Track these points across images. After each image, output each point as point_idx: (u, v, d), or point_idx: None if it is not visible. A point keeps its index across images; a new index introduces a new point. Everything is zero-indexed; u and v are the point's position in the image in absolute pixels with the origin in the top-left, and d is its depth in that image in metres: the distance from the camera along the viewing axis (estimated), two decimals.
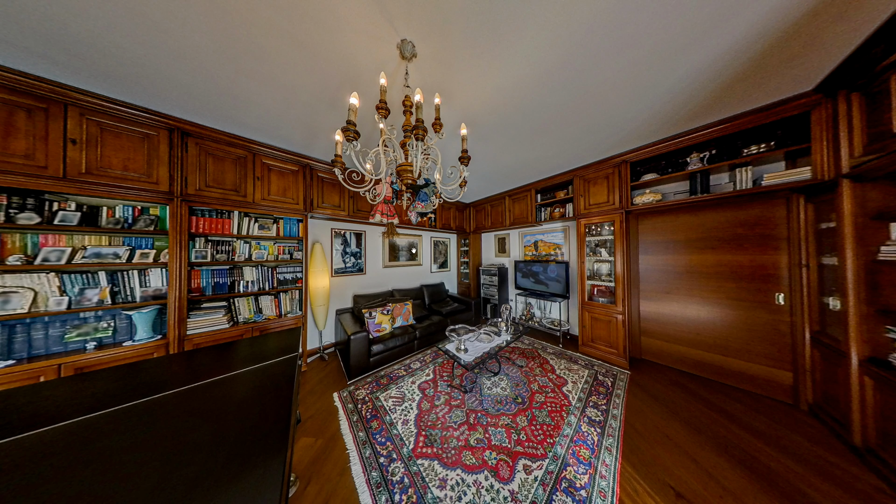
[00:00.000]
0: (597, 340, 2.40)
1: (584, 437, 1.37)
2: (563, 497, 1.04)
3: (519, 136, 1.89)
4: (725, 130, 1.66)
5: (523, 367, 2.21)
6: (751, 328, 1.82)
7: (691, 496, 1.06)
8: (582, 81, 1.27)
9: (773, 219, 1.73)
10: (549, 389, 1.85)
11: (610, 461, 1.22)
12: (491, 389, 1.86)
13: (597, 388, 1.87)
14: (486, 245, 4.35)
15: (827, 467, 1.18)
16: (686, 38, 1.01)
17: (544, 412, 1.58)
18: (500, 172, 2.76)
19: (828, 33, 1.00)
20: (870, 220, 1.19)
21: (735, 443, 1.34)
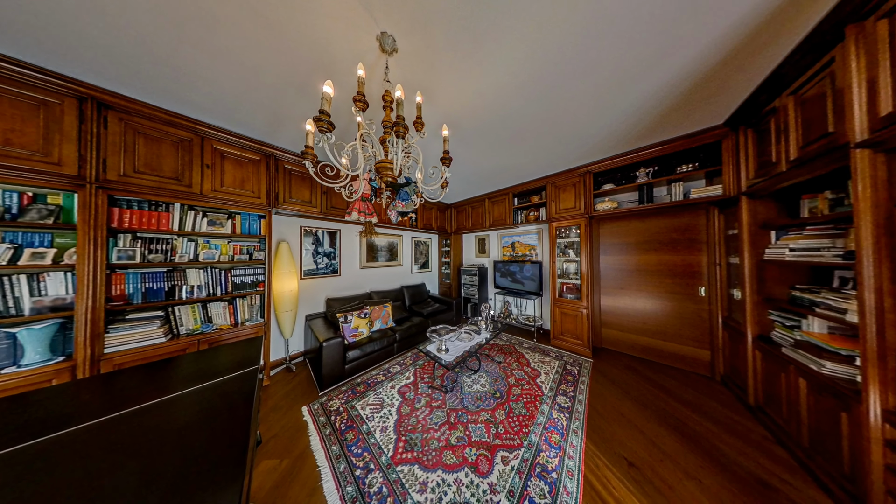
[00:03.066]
0: (566, 333, 2.62)
1: (554, 423, 1.48)
2: (537, 482, 1.11)
3: (498, 141, 1.97)
4: (664, 151, 1.98)
5: (501, 363, 2.30)
6: (682, 316, 2.19)
7: (640, 463, 1.23)
8: (554, 96, 1.39)
9: (697, 226, 2.12)
10: (524, 382, 1.96)
11: (576, 442, 1.34)
12: (471, 387, 1.90)
13: (565, 377, 2.05)
14: (466, 245, 4.44)
15: (733, 425, 1.48)
16: (636, 69, 1.19)
17: (520, 404, 1.67)
18: (481, 175, 2.84)
19: (733, 80, 1.27)
20: (758, 229, 1.53)
21: (671, 413, 1.60)
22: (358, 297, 2.84)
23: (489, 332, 2.22)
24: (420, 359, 2.42)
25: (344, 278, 2.95)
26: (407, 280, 3.84)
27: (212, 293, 1.78)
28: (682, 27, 0.97)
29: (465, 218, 3.95)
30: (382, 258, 3.47)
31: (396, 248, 3.70)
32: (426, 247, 4.32)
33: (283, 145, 2.02)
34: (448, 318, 3.29)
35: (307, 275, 2.60)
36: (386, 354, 2.39)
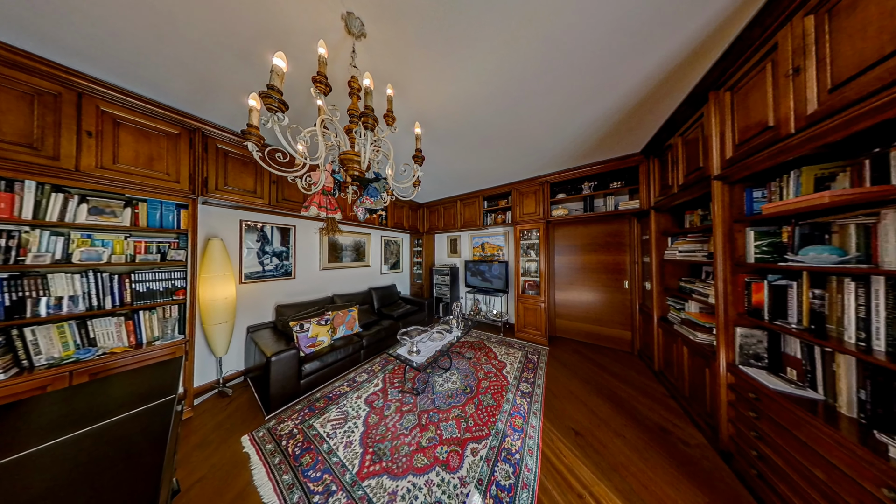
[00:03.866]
0: (527, 326, 2.91)
1: (518, 409, 1.63)
2: (503, 465, 1.20)
3: (470, 145, 2.05)
4: (602, 169, 2.40)
5: (472, 359, 2.40)
6: (612, 305, 2.70)
7: (584, 431, 1.45)
8: (519, 111, 1.53)
9: (623, 231, 2.63)
10: (492, 374, 2.09)
11: (536, 423, 1.50)
12: (443, 385, 1.92)
13: (527, 365, 2.27)
14: (439, 245, 4.46)
15: (645, 387, 1.89)
16: (583, 98, 1.41)
17: (489, 395, 1.78)
18: (453, 177, 2.91)
19: (646, 119, 1.63)
20: (661, 235, 2.00)
21: (605, 385, 1.95)
22: (317, 301, 2.54)
23: (460, 330, 2.29)
24: (390, 363, 2.32)
25: (300, 281, 2.60)
26: (376, 281, 3.63)
27: (96, 305, 1.33)
28: (614, 69, 1.19)
29: (438, 218, 3.97)
30: (348, 258, 3.19)
31: (364, 248, 3.45)
32: (397, 246, 4.17)
33: (216, 120, 1.66)
34: (420, 319, 3.25)
35: (250, 278, 2.19)
36: (352, 363, 2.21)
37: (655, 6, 0.89)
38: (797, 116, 0.82)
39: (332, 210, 1.49)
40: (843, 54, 0.70)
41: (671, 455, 1.28)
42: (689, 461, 1.24)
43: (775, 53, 0.89)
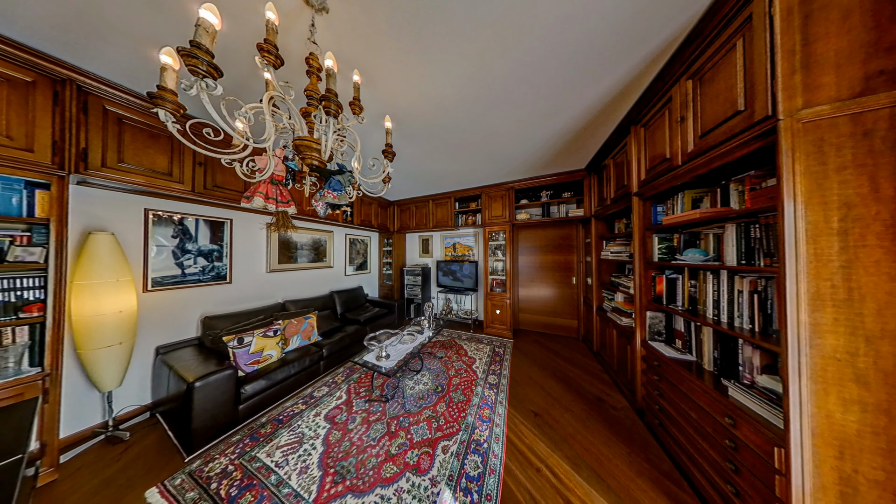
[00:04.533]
0: (495, 322, 3.11)
1: (486, 401, 1.72)
2: (473, 457, 1.25)
3: (442, 146, 2.07)
4: (557, 180, 2.76)
5: (443, 358, 2.43)
6: (564, 298, 3.12)
7: (541, 412, 1.64)
8: (489, 119, 1.63)
9: (572, 235, 3.08)
10: (463, 371, 2.16)
11: (502, 411, 1.62)
12: (413, 388, 1.89)
13: (495, 358, 2.43)
14: (410, 245, 4.36)
15: (587, 366, 2.26)
16: (542, 116, 1.59)
17: (459, 392, 1.83)
18: (425, 176, 2.89)
19: (589, 141, 1.94)
20: (598, 239, 2.42)
21: (558, 368, 2.24)
22: (263, 309, 2.17)
23: (432, 330, 2.28)
24: (356, 372, 2.15)
25: (238, 287, 2.17)
26: (339, 284, 3.31)
27: None
28: (566, 95, 1.39)
29: (409, 217, 3.88)
30: (305, 258, 2.82)
31: (325, 247, 3.11)
32: (364, 246, 3.89)
33: (104, 73, 1.24)
34: (390, 322, 3.11)
35: (161, 284, 1.72)
36: (309, 376, 1.97)
37: (597, 49, 1.08)
38: (682, 153, 1.11)
39: (283, 203, 1.29)
40: (707, 112, 0.98)
41: (605, 420, 1.56)
42: (616, 422, 1.53)
43: (670, 104, 1.18)
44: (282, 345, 1.86)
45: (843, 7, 0.65)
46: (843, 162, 0.65)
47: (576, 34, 1.01)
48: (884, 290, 0.62)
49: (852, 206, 0.64)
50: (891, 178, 0.62)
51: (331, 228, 3.20)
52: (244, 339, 1.64)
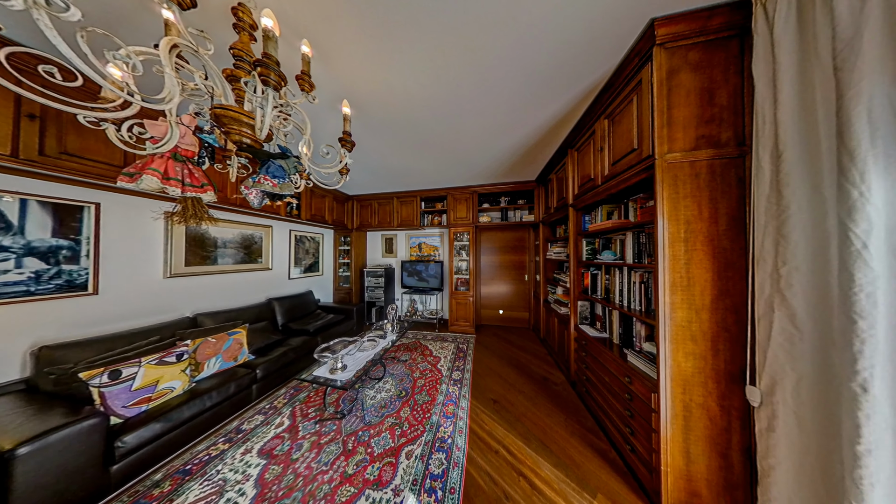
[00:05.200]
0: (459, 320, 3.24)
1: (451, 397, 1.77)
2: (437, 455, 1.27)
3: (408, 143, 2.02)
4: (514, 188, 3.09)
5: (407, 361, 2.36)
6: (518, 294, 3.52)
7: (499, 398, 1.80)
8: (455, 124, 1.68)
9: (525, 238, 3.50)
10: (428, 371, 2.15)
11: (465, 404, 1.70)
12: (374, 398, 1.77)
13: (458, 354, 2.52)
14: (372, 245, 4.07)
15: (535, 351, 2.61)
16: (501, 129, 1.75)
17: (424, 393, 1.82)
18: (390, 172, 2.75)
19: (538, 157, 2.25)
20: (545, 242, 2.84)
21: (513, 356, 2.51)
22: (159, 328, 1.64)
23: (395, 333, 2.19)
24: (303, 391, 1.86)
25: (109, 299, 1.56)
26: (281, 289, 2.80)
27: None
28: (522, 113, 1.57)
29: (371, 214, 3.61)
30: (230, 258, 2.27)
31: (260, 245, 2.57)
32: (316, 244, 3.41)
33: None
34: (347, 329, 2.83)
35: None
36: (236, 406, 1.59)
37: (547, 78, 1.26)
38: (601, 175, 1.42)
39: (195, 186, 0.98)
40: (616, 145, 1.28)
41: (548, 395, 1.83)
42: (556, 395, 1.83)
43: (594, 136, 1.49)
44: (191, 372, 1.44)
45: (687, 88, 0.97)
46: (686, 192, 0.96)
47: (530, 62, 1.15)
48: (704, 278, 0.95)
49: (690, 222, 0.96)
50: (707, 205, 0.95)
51: (269, 223, 2.66)
52: (121, 371, 1.18)
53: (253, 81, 0.63)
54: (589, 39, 1.04)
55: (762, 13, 0.82)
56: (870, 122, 0.59)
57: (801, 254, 0.72)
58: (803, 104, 0.73)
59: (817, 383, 0.70)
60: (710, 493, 0.93)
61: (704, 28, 0.94)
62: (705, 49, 0.96)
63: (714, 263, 0.94)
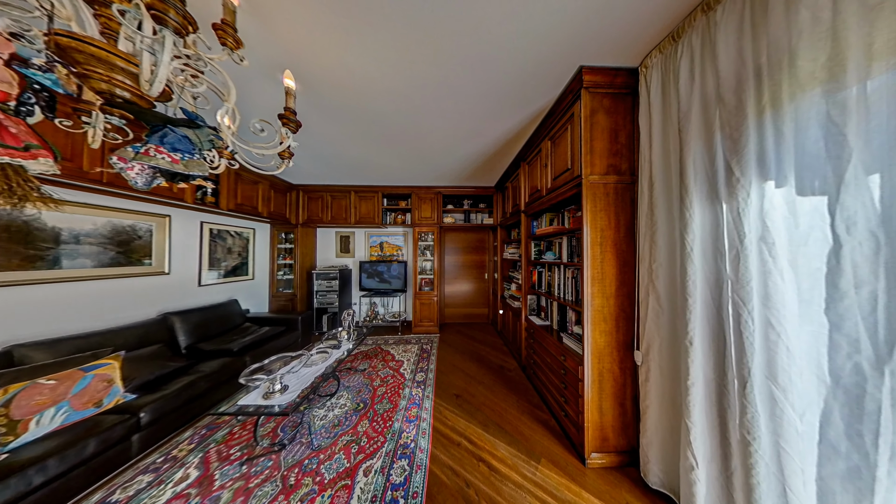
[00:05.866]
0: (423, 320, 3.22)
1: (414, 400, 1.74)
2: (400, 463, 1.22)
3: (369, 135, 1.88)
4: (476, 192, 3.29)
5: (366, 370, 2.19)
6: (479, 291, 3.77)
7: (462, 392, 1.88)
8: (420, 122, 1.67)
9: (486, 239, 3.78)
10: (390, 377, 2.05)
11: (429, 405, 1.70)
12: (326, 417, 1.57)
13: (422, 355, 2.50)
14: (323, 243, 3.59)
15: (493, 343, 2.85)
16: (464, 135, 1.85)
17: (385, 401, 1.72)
18: (347, 163, 2.49)
19: (497, 165, 2.47)
20: (502, 243, 3.14)
21: (475, 350, 2.67)
22: None
23: (352, 341, 2.00)
24: (222, 427, 1.47)
25: None
26: (185, 300, 2.15)
27: None
28: (483, 124, 1.70)
29: (322, 208, 3.18)
30: (89, 259, 1.61)
31: (148, 240, 1.91)
32: (243, 242, 2.77)
33: None
34: (290, 343, 2.41)
35: None
36: (101, 470, 1.12)
37: (505, 94, 1.40)
38: (545, 188, 1.67)
39: (11, 148, 0.62)
40: (556, 164, 1.53)
41: (504, 381, 2.03)
42: (510, 381, 2.05)
43: (541, 153, 1.74)
44: None
45: (602, 126, 1.25)
46: (601, 206, 1.24)
47: (491, 78, 1.25)
48: (611, 273, 1.24)
49: (603, 230, 1.24)
50: (613, 217, 1.25)
51: (165, 211, 2.00)
52: None
53: (135, 13, 0.46)
54: (537, 71, 1.21)
55: (644, 81, 1.13)
56: (694, 169, 0.91)
57: (663, 255, 1.04)
58: (664, 151, 1.05)
59: (671, 344, 1.03)
60: (614, 434, 1.23)
61: (612, 83, 1.23)
62: (613, 98, 1.26)
63: (617, 262, 1.24)
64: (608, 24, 0.98)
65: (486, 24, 0.96)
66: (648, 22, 0.97)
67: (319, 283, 3.12)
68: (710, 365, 0.87)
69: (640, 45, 1.08)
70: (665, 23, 0.97)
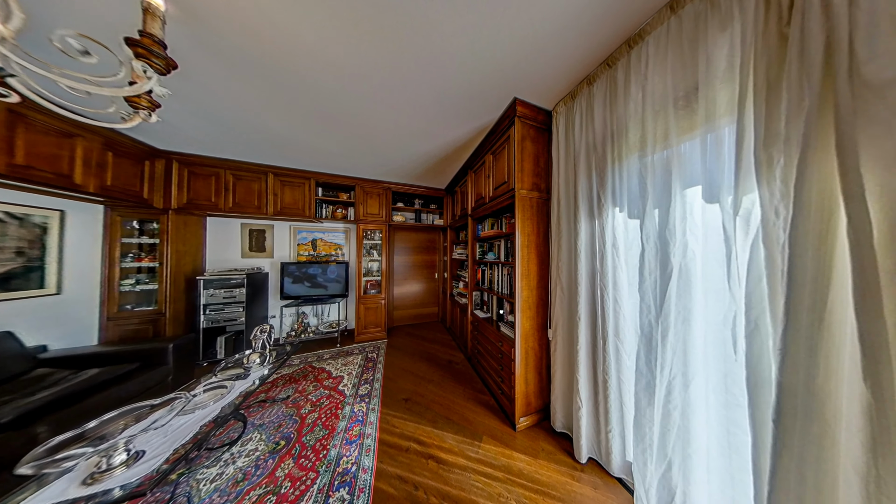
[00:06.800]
0: (369, 326, 2.96)
1: (356, 418, 1.57)
2: (337, 494, 1.08)
3: (300, 107, 1.57)
4: (428, 192, 3.33)
5: (289, 397, 1.80)
6: (430, 291, 3.83)
7: (411, 395, 1.85)
8: (368, 108, 1.54)
9: (437, 239, 3.88)
10: (324, 399, 1.77)
11: (374, 418, 1.58)
12: (222, 475, 1.18)
13: (367, 365, 2.30)
14: (220, 238, 2.69)
15: (443, 341, 2.97)
16: (418, 134, 1.84)
17: (318, 429, 1.47)
18: (264, 136, 1.96)
19: (447, 169, 2.60)
20: (451, 244, 3.31)
21: (425, 350, 2.69)
22: None
23: (269, 366, 1.58)
24: None
25: None
26: None
27: None
28: (434, 127, 1.74)
29: (218, 190, 2.38)
30: None
31: None
32: (31, 232, 1.71)
33: None
34: (151, 385, 1.66)
35: None
36: None
37: (457, 102, 1.49)
38: (488, 196, 1.90)
39: None
40: (496, 176, 1.76)
41: (452, 375, 2.16)
42: (458, 373, 2.20)
43: (485, 165, 1.97)
44: None
45: (529, 151, 1.55)
46: (528, 216, 1.54)
47: (443, 83, 1.31)
48: (535, 270, 1.56)
49: (530, 235, 1.54)
50: (536, 225, 1.57)
51: None
52: None
53: None
54: (483, 90, 1.36)
55: (555, 122, 1.49)
56: (582, 195, 1.27)
57: (565, 255, 1.40)
58: (566, 178, 1.41)
59: (569, 320, 1.39)
60: (535, 398, 1.55)
61: (536, 118, 1.55)
62: (537, 130, 1.58)
63: (538, 260, 1.57)
64: (533, 72, 1.22)
65: (438, 29, 1.00)
66: (556, 81, 1.29)
67: (211, 294, 2.30)
68: (590, 333, 1.25)
69: (553, 94, 1.41)
70: (567, 84, 1.31)
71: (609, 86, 1.13)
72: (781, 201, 0.59)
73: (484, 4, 0.89)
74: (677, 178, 0.86)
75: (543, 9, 0.90)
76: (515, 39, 1.03)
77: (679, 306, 0.85)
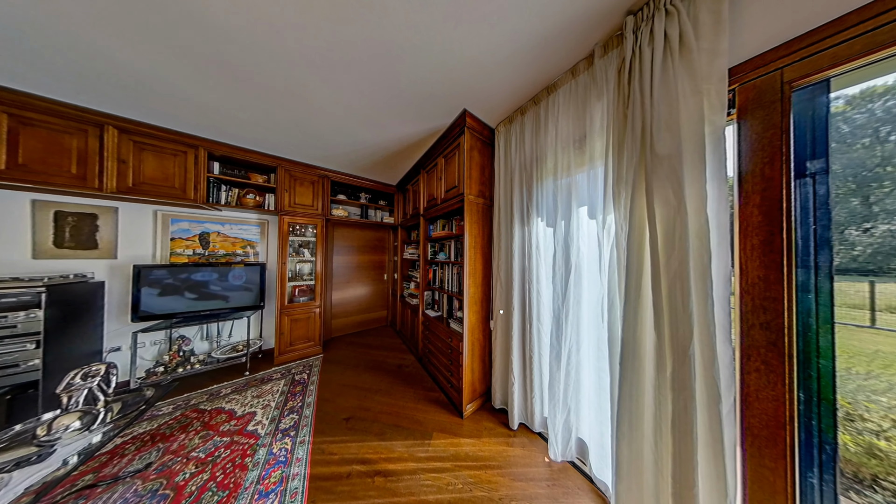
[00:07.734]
0: (296, 342, 2.46)
1: (276, 460, 1.28)
2: None
3: (179, 43, 1.14)
4: (376, 187, 3.09)
5: (151, 466, 1.25)
6: (378, 293, 3.57)
7: (354, 412, 1.67)
8: (298, 75, 1.31)
9: (386, 238, 3.65)
10: (222, 450, 1.33)
11: (303, 452, 1.33)
12: None
13: (293, 390, 1.90)
14: None
15: (392, 345, 2.83)
16: (365, 123, 1.71)
17: (208, 495, 1.09)
18: (104, 67, 1.28)
19: (398, 166, 2.52)
20: (402, 243, 3.21)
21: (372, 358, 2.49)
22: None
23: (105, 426, 1.04)
24: None
25: None
26: None
27: None
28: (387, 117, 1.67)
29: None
30: None
31: None
32: None
33: None
34: None
35: None
36: None
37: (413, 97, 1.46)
38: (440, 197, 1.97)
39: None
40: (447, 180, 1.85)
41: (402, 379, 2.09)
42: (409, 376, 2.15)
43: (437, 167, 2.02)
44: None
45: (476, 161, 1.71)
46: (475, 219, 1.70)
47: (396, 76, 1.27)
48: (480, 268, 1.74)
49: (476, 236, 1.71)
50: (482, 228, 1.76)
51: None
52: None
53: None
54: (435, 94, 1.41)
55: (497, 139, 1.72)
56: (516, 205, 1.53)
57: (503, 255, 1.65)
58: (505, 189, 1.66)
59: (506, 311, 1.64)
60: (479, 384, 1.73)
61: (482, 132, 1.74)
62: (483, 143, 1.77)
63: (483, 260, 1.77)
64: (481, 90, 1.38)
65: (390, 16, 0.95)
66: (499, 103, 1.50)
67: None
68: (521, 319, 1.51)
69: (497, 115, 1.62)
70: (507, 109, 1.55)
71: (535, 119, 1.41)
72: (624, 220, 0.92)
73: (437, 9, 0.92)
74: (575, 198, 1.19)
75: (488, 37, 1.03)
76: (464, 60, 1.15)
77: (575, 293, 1.18)
